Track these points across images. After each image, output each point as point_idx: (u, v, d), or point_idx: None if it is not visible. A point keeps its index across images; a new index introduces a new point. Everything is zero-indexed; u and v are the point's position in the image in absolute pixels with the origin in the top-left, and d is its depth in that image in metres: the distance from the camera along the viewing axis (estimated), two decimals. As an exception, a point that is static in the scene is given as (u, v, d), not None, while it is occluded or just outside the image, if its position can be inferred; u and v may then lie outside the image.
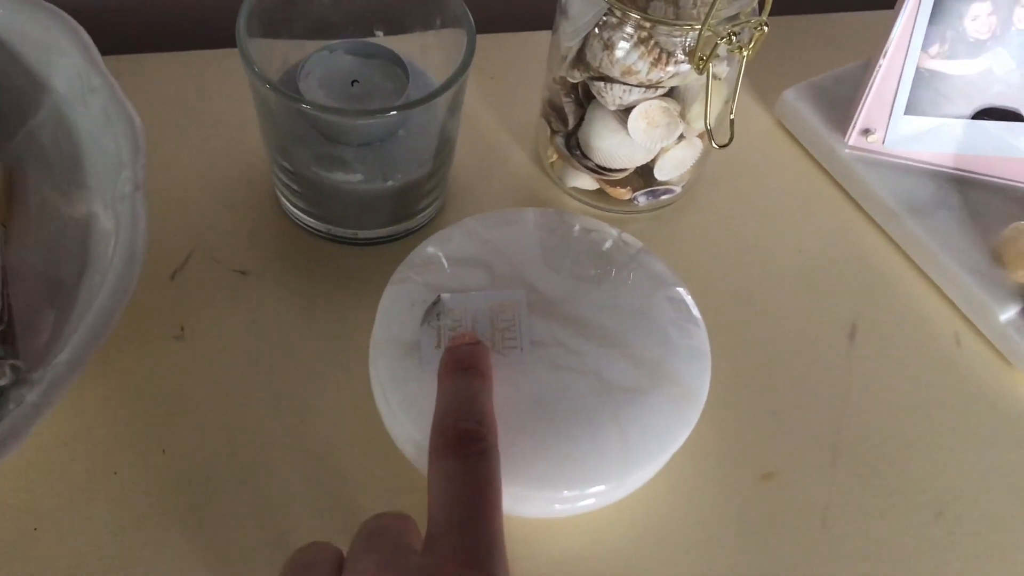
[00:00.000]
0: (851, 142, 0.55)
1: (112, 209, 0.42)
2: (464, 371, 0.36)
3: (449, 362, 0.37)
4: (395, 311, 0.40)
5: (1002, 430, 0.47)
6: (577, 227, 0.43)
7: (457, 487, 0.32)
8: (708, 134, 0.46)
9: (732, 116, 0.46)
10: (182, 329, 0.46)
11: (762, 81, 0.60)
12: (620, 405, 0.38)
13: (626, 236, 0.44)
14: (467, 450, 0.33)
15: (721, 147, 0.46)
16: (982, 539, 0.44)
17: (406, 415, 0.37)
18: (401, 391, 0.38)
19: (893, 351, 0.50)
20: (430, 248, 0.42)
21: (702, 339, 0.41)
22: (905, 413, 0.47)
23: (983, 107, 0.54)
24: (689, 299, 0.42)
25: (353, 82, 0.47)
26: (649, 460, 0.37)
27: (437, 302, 0.40)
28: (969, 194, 0.54)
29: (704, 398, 0.39)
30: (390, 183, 0.46)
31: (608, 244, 0.43)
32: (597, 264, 0.42)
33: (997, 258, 0.51)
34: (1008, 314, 0.49)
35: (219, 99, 0.55)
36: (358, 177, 0.45)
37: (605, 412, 0.37)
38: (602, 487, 0.37)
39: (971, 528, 0.44)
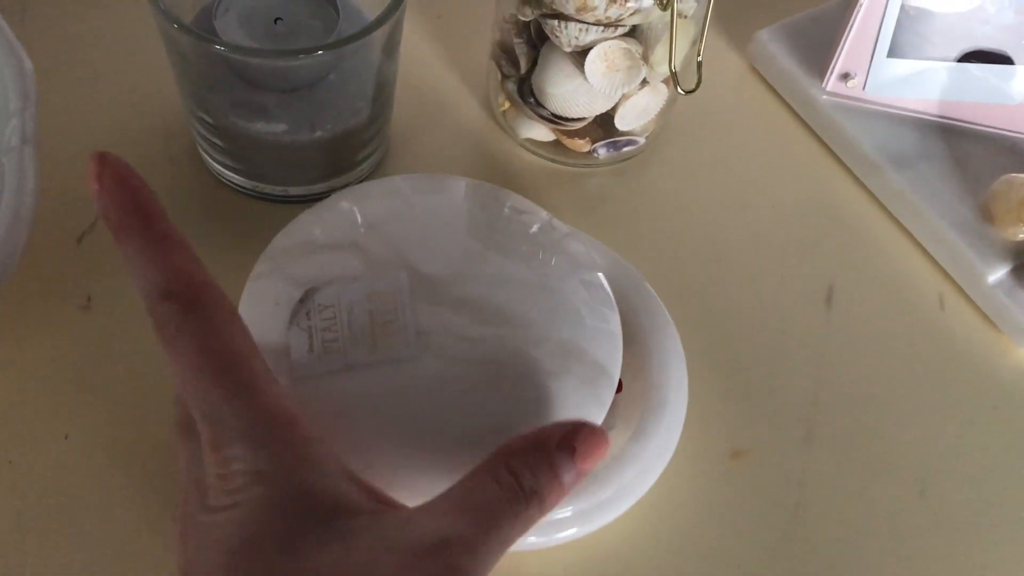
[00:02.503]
0: (829, 87, 0.51)
1: (-4, 164, 0.37)
2: (143, 228, 0.29)
3: (116, 216, 0.29)
4: (257, 313, 0.34)
5: (989, 399, 0.44)
6: (506, 207, 0.38)
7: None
8: (673, 78, 0.42)
9: (700, 58, 0.42)
10: (88, 299, 0.42)
11: (733, 21, 0.55)
12: (525, 392, 0.33)
13: (556, 221, 0.39)
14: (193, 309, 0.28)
15: (688, 93, 0.42)
16: (970, 517, 0.41)
17: None
18: None
19: (873, 315, 0.46)
20: (295, 231, 0.37)
21: (615, 323, 0.37)
22: (885, 382, 0.44)
23: (969, 50, 0.50)
24: (607, 285, 0.37)
25: (277, 20, 0.42)
26: None
27: (305, 299, 0.35)
28: (955, 144, 0.50)
29: (616, 378, 0.35)
30: (319, 133, 0.41)
31: (535, 227, 0.38)
32: (513, 244, 0.37)
33: (985, 213, 0.47)
34: (996, 275, 0.46)
35: (131, 40, 0.50)
36: (281, 127, 0.41)
37: (509, 404, 0.33)
38: None
39: (958, 506, 0.41)
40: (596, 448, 0.30)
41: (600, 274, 0.38)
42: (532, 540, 0.35)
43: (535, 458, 0.29)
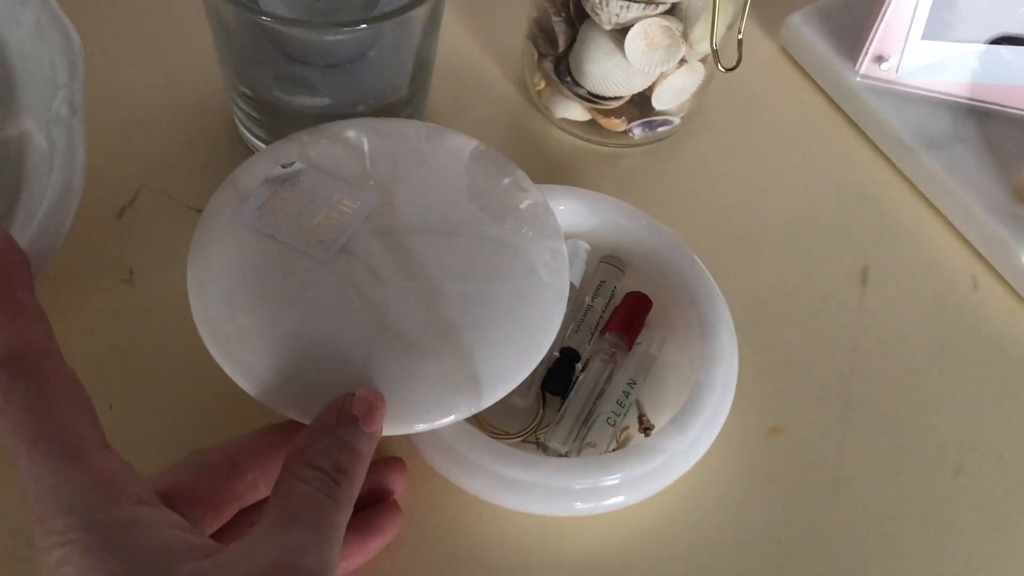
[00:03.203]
0: (862, 70, 0.51)
1: (46, 133, 0.37)
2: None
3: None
4: (262, 159, 0.38)
5: (1022, 379, 0.44)
6: (507, 179, 0.39)
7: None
8: (714, 56, 0.42)
9: (740, 36, 0.42)
10: (131, 272, 0.42)
11: (765, 4, 0.55)
12: (378, 348, 0.33)
13: (549, 207, 0.39)
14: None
15: (728, 70, 0.42)
16: (1005, 496, 0.41)
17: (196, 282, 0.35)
18: (199, 251, 0.36)
19: (907, 296, 0.46)
20: (324, 129, 0.39)
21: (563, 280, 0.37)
22: (920, 362, 0.44)
23: (1001, 35, 0.50)
24: (564, 257, 0.38)
25: (319, -4, 0.42)
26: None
27: (292, 168, 0.37)
28: (989, 127, 0.50)
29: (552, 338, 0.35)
30: (360, 108, 0.41)
31: (525, 203, 0.39)
32: (499, 214, 0.38)
33: (1019, 195, 0.47)
34: (1030, 255, 0.46)
35: (172, 14, 0.50)
36: (325, 101, 0.41)
37: (359, 351, 0.33)
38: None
39: (993, 485, 0.41)
40: (375, 409, 0.31)
41: (563, 246, 0.38)
42: (579, 506, 0.36)
43: (324, 443, 0.30)
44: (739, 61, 0.41)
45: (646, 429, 0.38)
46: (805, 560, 0.38)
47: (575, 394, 0.39)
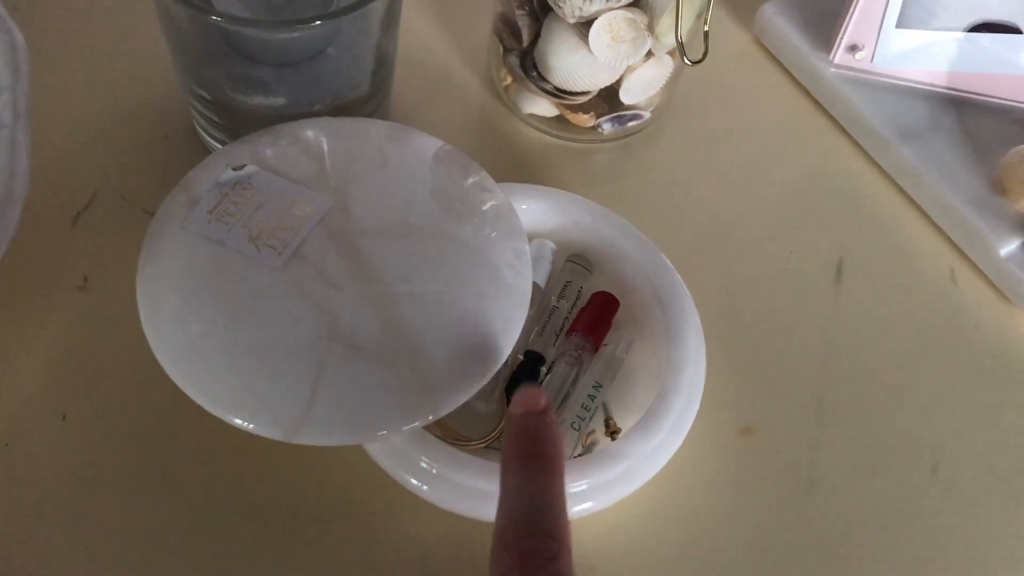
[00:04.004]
0: (837, 60, 0.50)
1: (-11, 141, 0.36)
2: (530, 460, 0.30)
3: (513, 447, 0.30)
4: (214, 163, 0.37)
5: (1002, 374, 0.43)
6: (470, 179, 0.38)
7: None
8: (680, 49, 0.41)
9: (706, 28, 0.41)
10: (85, 279, 0.41)
11: (738, -5, 0.54)
12: (330, 356, 0.33)
13: (512, 206, 0.38)
14: (535, 570, 0.28)
15: (694, 63, 0.41)
16: (983, 495, 0.40)
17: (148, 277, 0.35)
18: (149, 259, 0.35)
19: (883, 290, 0.45)
20: (283, 130, 0.38)
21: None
22: (896, 358, 0.43)
23: (978, 22, 0.49)
24: (528, 258, 0.37)
25: (273, -8, 0.41)
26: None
27: (243, 170, 0.36)
28: (966, 116, 0.49)
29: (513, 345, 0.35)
30: (318, 107, 0.40)
31: (488, 205, 0.38)
32: (465, 216, 0.37)
33: (997, 186, 0.47)
34: (1009, 248, 0.45)
35: (125, 16, 0.49)
36: (281, 101, 0.40)
37: (310, 360, 0.32)
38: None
39: (970, 483, 0.40)
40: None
41: (526, 247, 0.37)
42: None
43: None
44: (705, 54, 0.40)
45: (612, 433, 0.38)
46: (779, 565, 0.37)
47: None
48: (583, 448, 0.38)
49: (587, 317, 0.40)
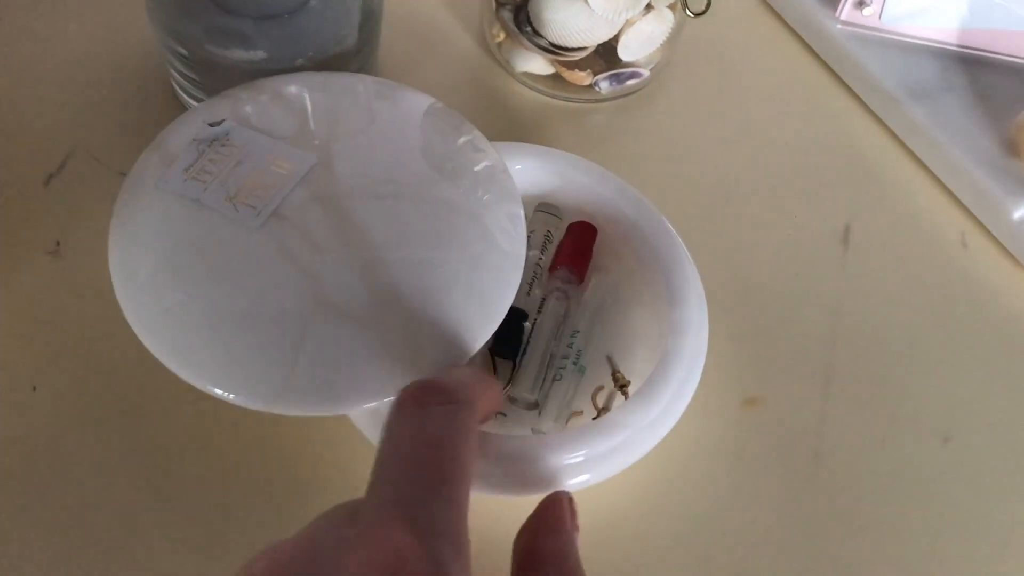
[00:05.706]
0: (843, 16, 0.48)
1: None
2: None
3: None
4: (191, 119, 0.35)
5: (1015, 341, 0.42)
6: (462, 139, 0.36)
7: (410, 443, 0.26)
8: (681, 0, 0.39)
9: (710, -22, 0.39)
10: (57, 244, 0.39)
11: (741, -50, 0.52)
12: (315, 323, 0.31)
13: (506, 169, 0.36)
14: (431, 402, 0.27)
15: (697, 16, 0.39)
16: (996, 466, 0.38)
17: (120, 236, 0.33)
18: (122, 221, 0.33)
19: (892, 256, 0.44)
20: (264, 85, 0.37)
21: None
22: (906, 325, 0.42)
23: (990, -23, 0.48)
24: (523, 222, 0.35)
25: (253, -60, 0.39)
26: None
27: (218, 124, 0.35)
28: (978, 75, 0.48)
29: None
30: (300, 62, 0.38)
31: (481, 165, 0.36)
32: (455, 176, 0.35)
33: (1010, 147, 0.45)
34: (1022, 211, 0.43)
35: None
36: (260, 55, 0.38)
37: (294, 327, 0.31)
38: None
39: (983, 454, 0.39)
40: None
41: (520, 212, 0.35)
42: (542, 487, 0.33)
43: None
44: (708, 6, 0.39)
45: (622, 387, 0.36)
46: (784, 538, 0.36)
47: (534, 339, 0.37)
48: (598, 409, 0.36)
49: (566, 249, 0.39)
